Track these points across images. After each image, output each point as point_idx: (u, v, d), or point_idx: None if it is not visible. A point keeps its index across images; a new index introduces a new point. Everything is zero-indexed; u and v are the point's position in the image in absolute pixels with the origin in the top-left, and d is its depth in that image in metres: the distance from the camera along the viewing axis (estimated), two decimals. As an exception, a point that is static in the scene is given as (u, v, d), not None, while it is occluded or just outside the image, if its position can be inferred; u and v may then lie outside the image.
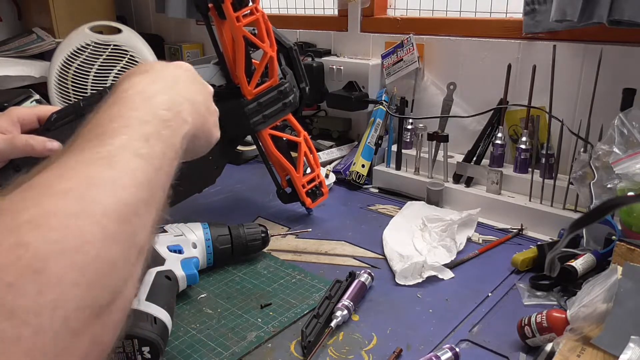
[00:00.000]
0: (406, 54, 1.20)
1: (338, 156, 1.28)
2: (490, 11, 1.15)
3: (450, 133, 1.08)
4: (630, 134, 0.79)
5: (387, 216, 1.01)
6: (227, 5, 0.78)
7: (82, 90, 1.46)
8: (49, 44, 1.68)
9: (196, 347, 0.64)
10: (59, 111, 0.80)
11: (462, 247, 0.88)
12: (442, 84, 1.18)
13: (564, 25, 0.93)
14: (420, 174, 1.13)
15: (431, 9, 1.26)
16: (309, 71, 1.31)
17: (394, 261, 0.82)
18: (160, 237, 0.75)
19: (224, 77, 0.88)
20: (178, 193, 0.98)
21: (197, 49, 1.80)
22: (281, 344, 0.65)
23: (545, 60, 0.96)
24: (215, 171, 0.94)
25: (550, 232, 0.91)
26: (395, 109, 1.20)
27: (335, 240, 0.93)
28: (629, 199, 0.50)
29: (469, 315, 0.70)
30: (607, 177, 0.80)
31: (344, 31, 1.37)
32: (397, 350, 0.62)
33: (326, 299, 0.71)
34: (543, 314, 0.62)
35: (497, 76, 1.06)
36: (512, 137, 1.09)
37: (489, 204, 1.00)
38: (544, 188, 0.95)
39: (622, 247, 0.68)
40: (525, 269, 0.81)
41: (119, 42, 1.49)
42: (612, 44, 0.93)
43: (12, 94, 1.41)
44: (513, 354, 0.62)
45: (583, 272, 0.74)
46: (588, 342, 0.55)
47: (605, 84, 0.90)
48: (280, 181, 0.99)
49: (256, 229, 0.84)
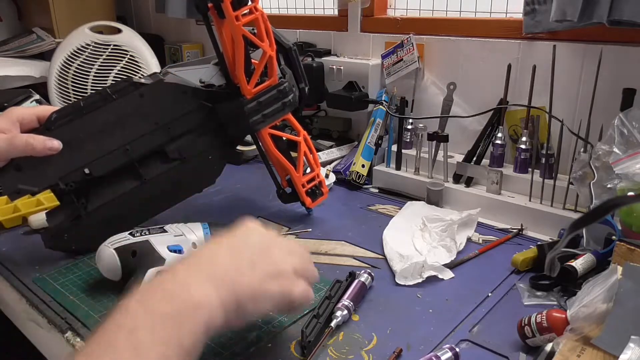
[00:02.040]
0: (406, 54, 1.20)
1: (338, 156, 1.28)
2: (490, 11, 1.15)
3: (450, 133, 1.08)
4: (630, 134, 0.79)
5: (387, 216, 1.01)
6: (226, 4, 0.78)
7: (82, 90, 1.46)
8: (49, 44, 1.68)
9: (196, 347, 0.64)
10: (59, 110, 0.80)
11: (462, 247, 0.88)
12: (442, 84, 1.18)
13: (564, 25, 0.93)
14: (420, 174, 1.13)
15: (431, 9, 1.26)
16: (309, 71, 1.31)
17: (394, 261, 0.82)
18: (160, 237, 0.75)
19: (224, 77, 0.88)
20: (177, 194, 0.98)
21: (197, 49, 1.80)
22: (281, 344, 0.65)
23: (545, 60, 0.96)
24: (215, 171, 0.94)
25: (550, 232, 0.91)
26: (395, 109, 1.20)
27: (335, 240, 0.93)
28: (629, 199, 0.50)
29: (469, 315, 0.70)
30: (607, 177, 0.80)
31: (344, 31, 1.36)
32: (397, 350, 0.62)
33: (326, 299, 0.71)
34: (543, 314, 0.62)
35: (497, 76, 1.06)
36: (512, 137, 1.09)
37: (489, 204, 1.00)
38: (544, 188, 0.95)
39: (622, 247, 0.68)
40: (525, 269, 0.81)
41: (119, 42, 1.49)
42: (612, 44, 0.93)
43: (12, 94, 1.41)
44: (513, 354, 0.62)
45: (583, 272, 0.74)
46: (588, 342, 0.55)
47: (605, 84, 0.90)
48: (280, 181, 0.99)
49: (256, 229, 0.84)
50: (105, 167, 0.83)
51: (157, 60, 1.54)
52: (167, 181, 0.88)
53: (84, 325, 0.69)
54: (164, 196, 0.90)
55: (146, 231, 0.76)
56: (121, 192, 0.85)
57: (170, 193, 0.90)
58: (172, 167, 0.88)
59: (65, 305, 0.73)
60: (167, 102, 0.86)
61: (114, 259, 0.73)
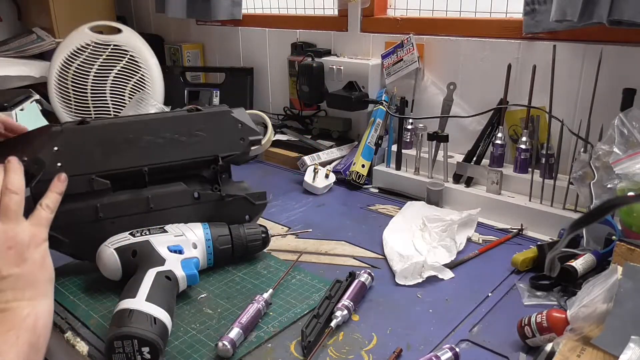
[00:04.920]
0: (406, 54, 1.20)
1: (338, 156, 1.28)
2: (490, 11, 1.15)
3: (450, 133, 1.08)
4: (630, 134, 0.79)
5: (387, 216, 1.01)
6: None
7: (82, 90, 1.46)
8: (49, 44, 1.68)
9: (196, 347, 0.64)
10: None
11: (462, 247, 0.88)
12: (442, 84, 1.18)
13: (564, 25, 0.93)
14: (420, 174, 1.13)
15: (431, 9, 1.26)
16: (309, 71, 1.31)
17: (394, 261, 0.82)
18: (160, 237, 0.75)
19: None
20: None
21: (197, 49, 1.80)
22: (281, 344, 0.65)
23: (545, 60, 0.96)
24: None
25: (550, 232, 0.91)
26: (395, 109, 1.20)
27: (335, 240, 0.93)
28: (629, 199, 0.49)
29: (469, 315, 0.70)
30: (607, 177, 0.80)
31: (344, 31, 1.36)
32: (397, 350, 0.62)
33: (326, 299, 0.71)
34: (543, 314, 0.62)
35: (497, 76, 1.06)
36: (512, 137, 1.09)
37: (489, 204, 1.00)
38: (544, 188, 0.95)
39: (622, 247, 0.68)
40: (525, 269, 0.81)
41: (119, 42, 1.49)
42: (612, 44, 0.93)
43: (12, 94, 1.41)
44: (513, 354, 0.62)
45: (583, 272, 0.74)
46: (588, 342, 0.55)
47: (605, 84, 0.90)
48: None
49: (256, 229, 0.84)
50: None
51: (157, 60, 1.54)
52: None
53: (84, 325, 0.69)
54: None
55: (146, 231, 0.76)
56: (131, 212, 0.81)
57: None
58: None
59: (65, 305, 0.73)
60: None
61: (114, 259, 0.73)
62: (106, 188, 0.78)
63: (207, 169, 0.85)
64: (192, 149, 0.83)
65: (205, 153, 0.84)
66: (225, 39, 1.71)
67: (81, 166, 0.77)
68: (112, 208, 0.79)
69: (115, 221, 0.79)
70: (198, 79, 1.73)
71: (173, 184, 0.83)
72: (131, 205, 0.80)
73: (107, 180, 0.78)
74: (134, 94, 1.47)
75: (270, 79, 1.60)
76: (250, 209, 0.88)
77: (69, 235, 0.77)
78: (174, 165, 0.82)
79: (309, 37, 1.45)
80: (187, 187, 0.84)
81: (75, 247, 0.79)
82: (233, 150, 0.85)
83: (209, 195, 0.84)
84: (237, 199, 0.86)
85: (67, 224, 0.76)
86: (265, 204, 0.89)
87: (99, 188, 0.78)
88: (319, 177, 1.15)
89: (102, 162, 0.78)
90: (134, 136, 0.79)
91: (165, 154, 0.81)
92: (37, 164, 0.73)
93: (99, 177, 0.77)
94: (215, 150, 0.84)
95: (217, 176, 0.85)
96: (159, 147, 0.81)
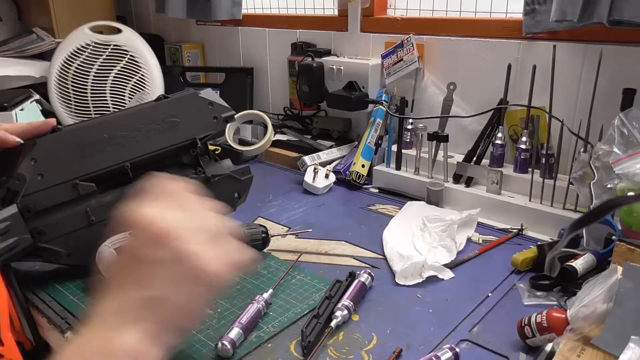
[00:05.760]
0: (406, 54, 1.20)
1: (338, 156, 1.28)
2: (490, 11, 1.15)
3: (450, 133, 1.08)
4: (630, 134, 0.79)
5: (387, 216, 1.01)
6: None
7: (82, 90, 1.46)
8: (49, 44, 1.68)
9: (196, 347, 0.64)
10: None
11: (462, 247, 0.88)
12: (442, 84, 1.18)
13: (564, 25, 0.93)
14: (420, 174, 1.13)
15: (431, 9, 1.26)
16: (309, 71, 1.31)
17: (394, 261, 0.82)
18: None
19: None
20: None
21: (197, 49, 1.80)
22: (281, 344, 0.65)
23: (545, 60, 0.96)
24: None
25: (550, 232, 0.91)
26: (395, 109, 1.20)
27: (335, 240, 0.93)
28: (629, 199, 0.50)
29: (469, 315, 0.70)
30: (607, 177, 0.80)
31: (344, 31, 1.36)
32: (397, 350, 0.62)
33: (326, 299, 0.71)
34: (543, 314, 0.62)
35: (497, 76, 1.06)
36: (512, 137, 1.09)
37: (489, 204, 1.00)
38: (544, 188, 0.95)
39: (622, 247, 0.68)
40: (525, 269, 0.81)
41: (119, 42, 1.49)
42: (612, 44, 0.93)
43: (12, 94, 1.41)
44: (513, 354, 0.62)
45: (583, 272, 0.74)
46: (588, 342, 0.55)
47: (605, 84, 0.90)
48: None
49: (256, 229, 0.84)
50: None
51: (157, 60, 1.54)
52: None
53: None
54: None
55: (146, 231, 0.76)
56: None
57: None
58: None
59: (65, 305, 0.73)
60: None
61: (114, 259, 0.73)
62: (92, 191, 0.78)
63: (187, 153, 0.85)
64: (168, 137, 0.83)
65: (183, 138, 0.83)
66: (225, 39, 1.71)
67: (63, 174, 0.76)
68: (102, 210, 0.78)
69: (108, 222, 0.79)
70: (198, 79, 1.73)
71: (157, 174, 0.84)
72: (120, 203, 0.80)
73: (91, 183, 0.78)
74: (134, 94, 1.47)
75: (270, 79, 1.60)
76: (238, 186, 0.88)
77: (65, 246, 0.77)
78: (155, 156, 0.82)
79: (309, 37, 1.45)
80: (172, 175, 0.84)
81: (74, 256, 0.78)
82: (209, 130, 0.85)
83: (195, 179, 0.84)
84: (223, 178, 0.86)
85: (61, 234, 0.76)
86: (252, 177, 0.89)
87: (85, 192, 0.77)
88: (319, 177, 1.15)
89: (82, 166, 0.78)
90: (109, 135, 0.79)
91: (143, 146, 0.81)
92: (19, 179, 0.73)
93: (82, 181, 0.77)
94: (191, 134, 0.84)
95: (198, 159, 0.85)
96: (136, 141, 0.81)
